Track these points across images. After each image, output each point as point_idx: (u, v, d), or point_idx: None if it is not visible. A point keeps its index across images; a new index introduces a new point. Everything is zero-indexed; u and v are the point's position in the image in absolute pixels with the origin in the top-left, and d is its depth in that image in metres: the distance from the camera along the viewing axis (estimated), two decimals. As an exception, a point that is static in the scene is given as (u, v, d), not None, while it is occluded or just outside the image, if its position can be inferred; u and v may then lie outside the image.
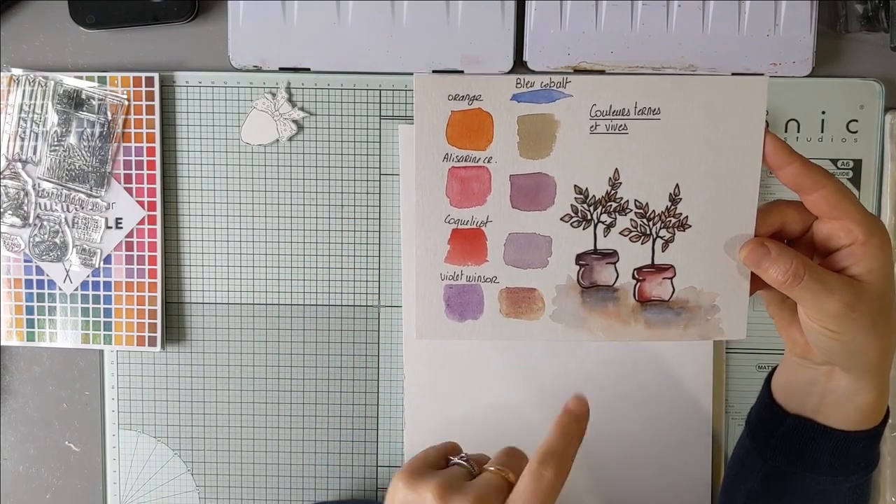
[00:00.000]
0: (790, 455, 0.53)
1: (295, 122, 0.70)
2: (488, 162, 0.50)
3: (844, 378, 0.51)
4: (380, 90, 0.70)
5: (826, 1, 0.68)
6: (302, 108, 0.70)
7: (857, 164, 0.69)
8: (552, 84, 0.49)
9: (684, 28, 0.67)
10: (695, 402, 0.70)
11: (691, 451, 0.71)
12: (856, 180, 0.69)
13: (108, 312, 0.71)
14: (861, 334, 0.47)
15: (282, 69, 0.69)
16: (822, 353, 0.50)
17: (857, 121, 0.68)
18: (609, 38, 0.68)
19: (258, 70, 0.70)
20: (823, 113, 0.68)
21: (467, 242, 0.51)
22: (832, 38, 0.69)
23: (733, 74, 0.68)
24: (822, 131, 0.69)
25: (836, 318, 0.47)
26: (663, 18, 0.67)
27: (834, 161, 0.69)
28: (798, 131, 0.69)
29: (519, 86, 0.49)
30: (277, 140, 0.70)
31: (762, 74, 0.67)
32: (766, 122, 0.68)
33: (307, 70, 0.69)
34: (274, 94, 0.70)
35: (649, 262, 0.51)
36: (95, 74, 0.69)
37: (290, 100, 0.70)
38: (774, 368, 0.56)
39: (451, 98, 0.49)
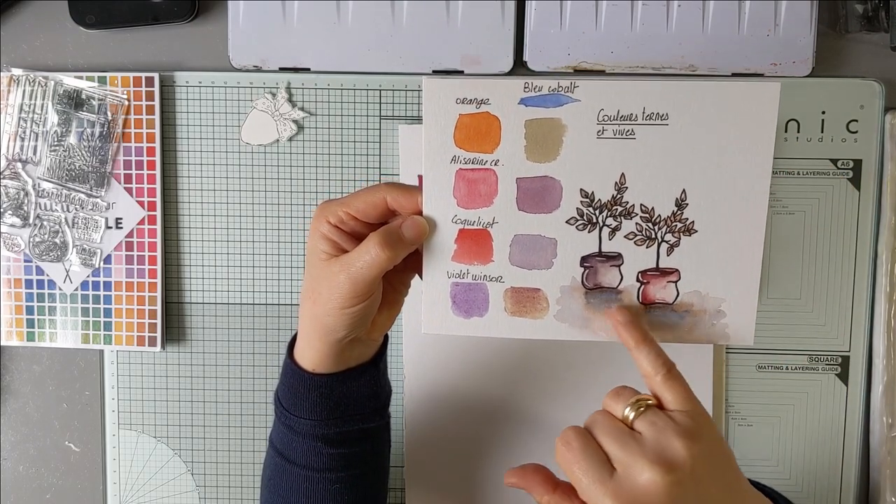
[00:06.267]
0: None
1: (295, 122, 0.70)
2: (495, 165, 0.50)
3: None
4: (380, 90, 0.70)
5: (826, 1, 0.68)
6: (302, 108, 0.70)
7: (857, 164, 0.69)
8: (560, 89, 0.49)
9: (684, 28, 0.67)
10: (695, 402, 0.70)
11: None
12: (856, 180, 0.69)
13: (108, 312, 0.71)
14: None
15: (282, 69, 0.69)
16: None
17: (857, 121, 0.68)
18: (609, 38, 0.68)
19: (258, 70, 0.70)
20: (823, 113, 0.68)
21: (474, 242, 0.51)
22: (832, 38, 0.69)
23: (733, 74, 0.68)
24: (822, 131, 0.69)
25: None
26: (663, 18, 0.67)
27: (834, 161, 0.69)
28: (798, 131, 0.69)
29: (527, 90, 0.49)
30: (277, 140, 0.70)
31: (762, 75, 0.67)
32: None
33: (307, 70, 0.69)
34: (274, 94, 0.70)
35: (654, 265, 0.51)
36: (95, 74, 0.69)
37: (290, 100, 0.70)
38: None
39: (458, 101, 0.49)
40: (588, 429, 0.49)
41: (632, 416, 0.48)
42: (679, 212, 0.50)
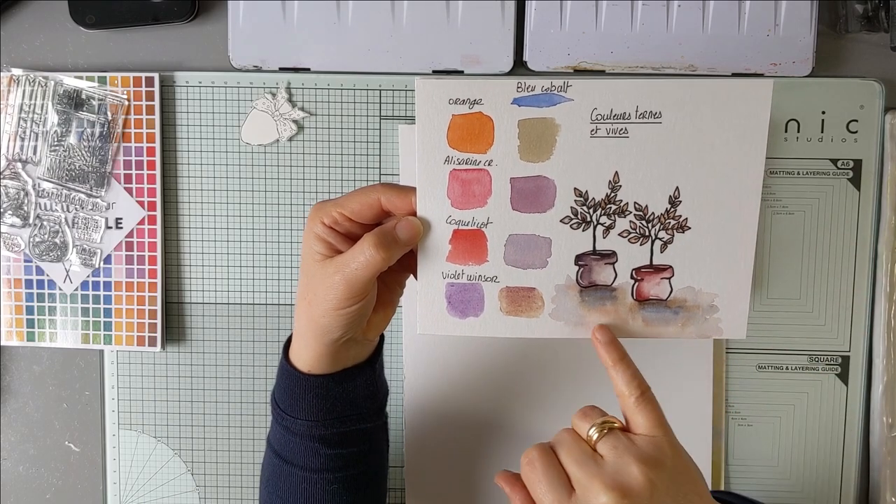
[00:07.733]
0: None
1: (295, 122, 0.70)
2: (489, 165, 0.50)
3: None
4: (380, 90, 0.70)
5: (826, 1, 0.68)
6: (302, 108, 0.70)
7: (857, 164, 0.69)
8: (553, 88, 0.49)
9: (684, 28, 0.67)
10: (695, 402, 0.70)
11: (691, 451, 0.70)
12: (856, 180, 0.69)
13: (108, 312, 0.71)
14: None
15: (282, 69, 0.69)
16: None
17: (857, 121, 0.68)
18: (609, 38, 0.68)
19: (258, 70, 0.70)
20: (823, 113, 0.68)
21: (468, 243, 0.51)
22: (832, 38, 0.69)
23: (733, 74, 0.68)
24: (822, 131, 0.69)
25: None
26: (663, 18, 0.67)
27: (834, 161, 0.69)
28: (798, 131, 0.69)
29: (520, 90, 0.49)
30: (277, 140, 0.70)
31: (762, 75, 0.67)
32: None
33: (307, 70, 0.69)
34: (274, 94, 0.70)
35: (648, 262, 0.51)
36: (95, 74, 0.69)
37: (290, 100, 0.70)
38: None
39: (451, 102, 0.49)
40: (553, 447, 0.49)
41: (595, 436, 0.48)
42: (672, 209, 0.50)
